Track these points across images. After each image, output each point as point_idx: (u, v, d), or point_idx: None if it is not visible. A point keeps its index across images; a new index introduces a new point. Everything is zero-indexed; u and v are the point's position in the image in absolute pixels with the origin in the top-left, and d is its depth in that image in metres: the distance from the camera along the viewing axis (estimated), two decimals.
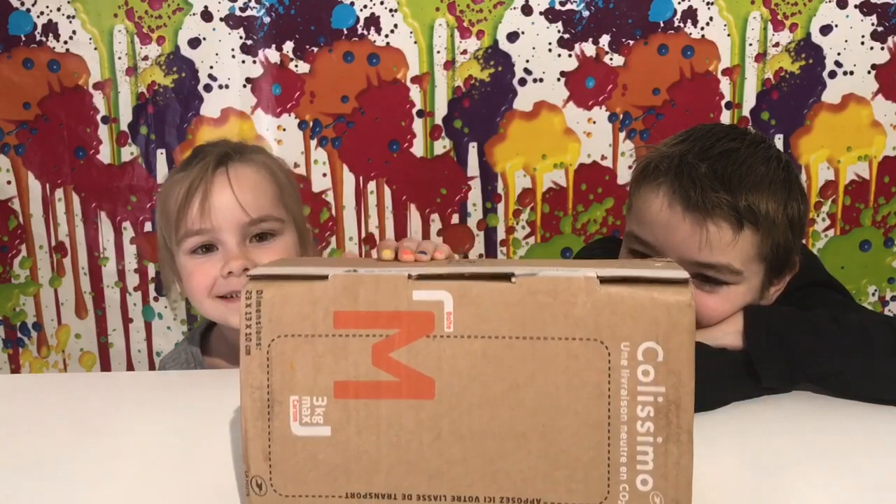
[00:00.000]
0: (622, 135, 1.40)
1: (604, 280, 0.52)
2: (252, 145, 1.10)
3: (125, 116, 1.41)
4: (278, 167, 1.08)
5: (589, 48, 1.37)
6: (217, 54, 1.39)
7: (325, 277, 0.54)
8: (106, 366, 1.49)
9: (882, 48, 1.36)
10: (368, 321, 0.54)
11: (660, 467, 0.53)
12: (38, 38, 1.37)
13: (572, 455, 0.53)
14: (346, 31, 1.37)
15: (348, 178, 1.42)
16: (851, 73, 1.37)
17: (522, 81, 1.38)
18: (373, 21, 1.37)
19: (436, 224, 1.44)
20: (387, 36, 1.37)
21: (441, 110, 1.40)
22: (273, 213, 1.01)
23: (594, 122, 1.40)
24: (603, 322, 0.52)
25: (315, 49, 1.38)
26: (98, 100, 1.40)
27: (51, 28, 1.37)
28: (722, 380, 0.78)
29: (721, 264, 0.84)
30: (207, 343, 1.12)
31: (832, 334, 0.79)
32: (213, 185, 0.99)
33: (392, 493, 0.54)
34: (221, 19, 1.37)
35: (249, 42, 1.38)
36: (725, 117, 1.39)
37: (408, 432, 0.54)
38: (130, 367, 1.49)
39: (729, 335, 0.82)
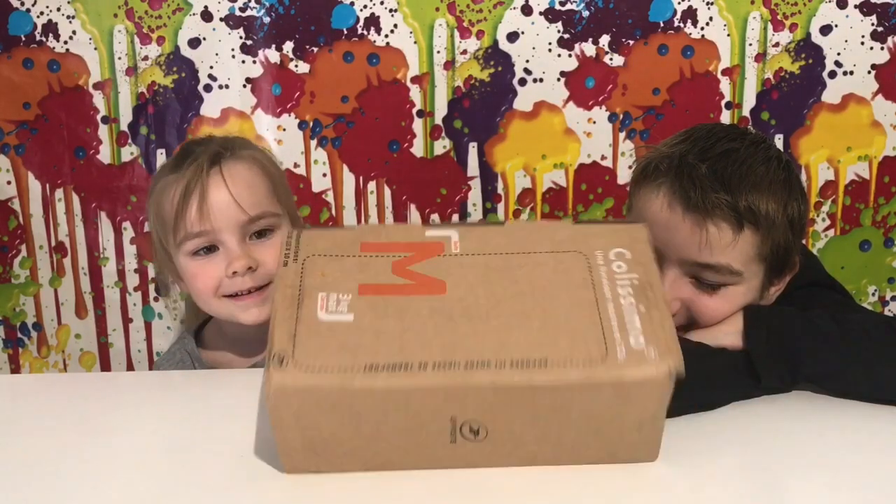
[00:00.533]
0: (622, 135, 1.40)
1: (578, 222, 0.69)
2: (239, 138, 1.10)
3: (125, 116, 1.40)
4: (267, 160, 1.08)
5: (589, 48, 1.37)
6: (217, 54, 1.39)
7: (353, 227, 0.70)
8: (106, 366, 1.49)
9: (882, 48, 1.36)
10: (389, 248, 0.67)
11: (647, 327, 0.61)
12: (38, 38, 1.37)
13: (571, 325, 0.61)
14: (346, 31, 1.37)
15: (348, 178, 1.42)
16: (851, 73, 1.37)
17: (522, 81, 1.38)
18: (373, 21, 1.37)
19: None
20: (387, 36, 1.37)
21: (441, 110, 1.40)
22: (269, 208, 1.02)
23: (594, 122, 1.40)
24: (580, 240, 0.68)
25: (315, 49, 1.38)
26: (98, 100, 1.40)
27: (51, 28, 1.37)
28: (722, 380, 0.78)
29: (721, 265, 0.84)
30: (204, 338, 1.12)
31: (832, 334, 0.79)
32: (209, 186, 0.99)
33: (408, 362, 0.59)
34: (221, 19, 1.37)
35: (249, 42, 1.38)
36: (725, 117, 1.39)
37: (423, 316, 0.62)
38: (130, 367, 1.48)
39: (729, 335, 0.82)
